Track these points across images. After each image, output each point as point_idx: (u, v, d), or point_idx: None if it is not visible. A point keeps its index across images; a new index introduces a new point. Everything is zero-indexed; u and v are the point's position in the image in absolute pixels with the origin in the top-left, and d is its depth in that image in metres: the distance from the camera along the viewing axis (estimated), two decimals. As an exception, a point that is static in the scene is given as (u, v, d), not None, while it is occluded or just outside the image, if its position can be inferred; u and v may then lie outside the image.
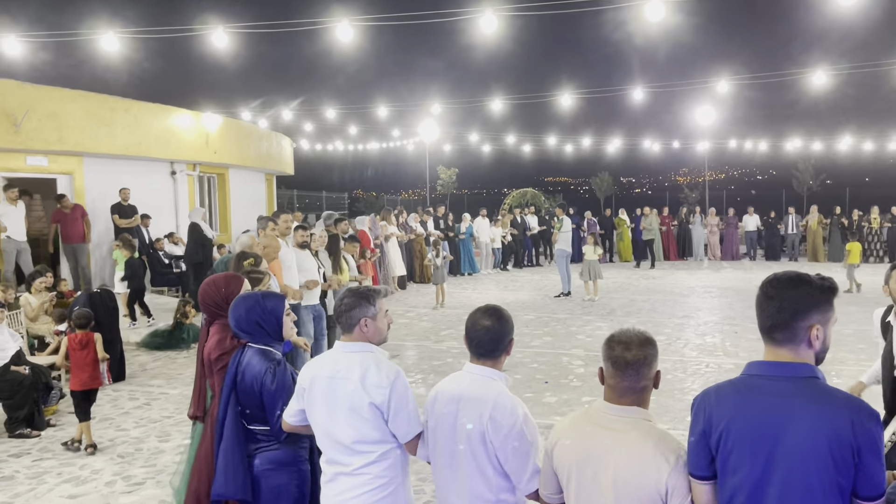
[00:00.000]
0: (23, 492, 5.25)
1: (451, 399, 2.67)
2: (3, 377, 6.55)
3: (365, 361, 2.81)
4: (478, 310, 2.74)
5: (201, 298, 3.72)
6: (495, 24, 10.64)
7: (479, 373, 2.69)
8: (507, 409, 2.55)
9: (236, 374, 3.21)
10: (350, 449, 2.78)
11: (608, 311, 12.62)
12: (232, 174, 18.11)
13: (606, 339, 2.38)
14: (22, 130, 11.50)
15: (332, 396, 2.81)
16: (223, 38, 11.64)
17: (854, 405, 1.93)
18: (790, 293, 2.06)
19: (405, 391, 2.78)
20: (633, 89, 19.55)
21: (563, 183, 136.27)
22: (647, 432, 2.22)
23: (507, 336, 2.71)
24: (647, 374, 2.30)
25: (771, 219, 22.58)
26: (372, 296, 2.92)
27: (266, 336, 3.27)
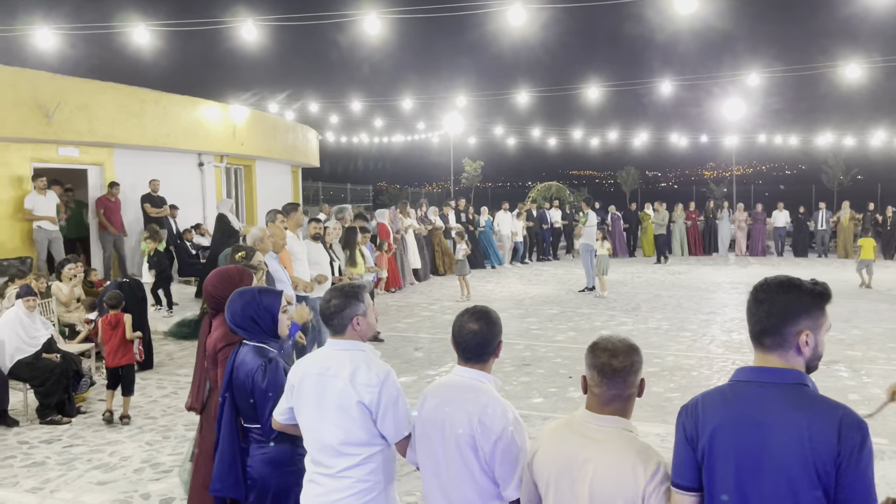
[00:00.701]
0: (53, 477, 5.35)
1: (440, 402, 2.61)
2: (35, 364, 6.68)
3: (355, 360, 2.77)
4: (465, 312, 2.67)
5: (210, 290, 3.68)
6: (524, 16, 10.57)
7: (467, 376, 2.62)
8: (496, 412, 2.49)
9: (232, 370, 3.20)
10: (335, 450, 2.73)
11: (633, 307, 12.53)
12: (258, 166, 18.25)
13: (590, 346, 2.32)
14: (54, 121, 11.68)
15: (320, 395, 2.76)
16: (252, 30, 11.71)
17: (841, 414, 1.85)
18: (780, 297, 2.01)
19: (395, 391, 2.73)
20: (660, 82, 19.33)
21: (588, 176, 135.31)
22: (627, 443, 2.17)
23: (494, 339, 2.64)
24: (633, 381, 2.26)
25: (801, 214, 22.24)
26: (360, 292, 2.88)
27: (261, 333, 3.24)
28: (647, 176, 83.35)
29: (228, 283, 3.63)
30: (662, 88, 19.26)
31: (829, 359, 8.50)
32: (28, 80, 11.51)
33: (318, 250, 8.02)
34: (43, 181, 11.47)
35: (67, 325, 8.75)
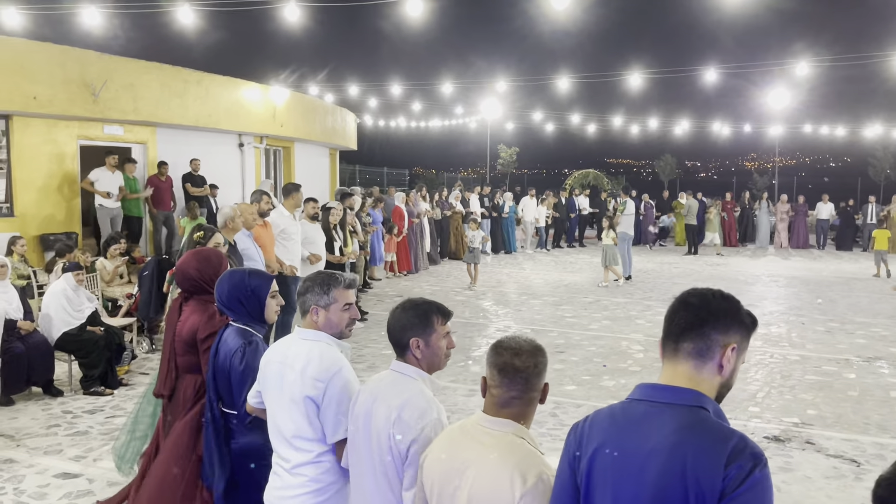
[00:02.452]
0: (96, 447, 5.50)
1: (368, 396, 2.44)
2: (79, 337, 6.86)
3: (312, 351, 2.64)
4: (398, 304, 2.52)
5: (187, 273, 3.56)
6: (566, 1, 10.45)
7: (396, 369, 2.45)
8: (417, 409, 2.30)
9: (216, 353, 3.13)
10: (289, 443, 2.64)
11: (670, 297, 12.27)
12: (297, 148, 18.39)
13: (493, 344, 2.16)
14: (100, 100, 11.90)
15: (279, 384, 2.67)
16: (295, 11, 11.78)
17: (733, 442, 1.59)
18: (716, 303, 1.76)
19: (343, 388, 2.58)
20: (704, 70, 18.99)
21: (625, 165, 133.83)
22: (511, 448, 1.99)
23: (405, 331, 2.43)
24: (535, 384, 2.09)
25: (848, 207, 21.69)
26: (329, 283, 2.73)
27: (247, 315, 3.16)
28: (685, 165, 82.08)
29: (206, 265, 3.58)
30: (706, 76, 18.92)
31: (871, 355, 8.34)
32: (76, 59, 11.73)
33: (313, 230, 8.06)
34: (114, 159, 11.77)
35: (110, 300, 8.96)
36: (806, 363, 8.02)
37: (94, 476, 4.95)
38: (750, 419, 6.15)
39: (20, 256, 8.76)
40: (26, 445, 5.51)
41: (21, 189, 11.31)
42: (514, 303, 11.67)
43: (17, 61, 10.90)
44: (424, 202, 16.35)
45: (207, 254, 3.67)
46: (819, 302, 12.00)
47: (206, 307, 3.49)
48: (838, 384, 7.22)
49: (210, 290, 3.51)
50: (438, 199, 17.58)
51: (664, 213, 22.89)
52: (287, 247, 7.51)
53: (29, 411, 6.32)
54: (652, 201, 22.44)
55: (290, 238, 7.53)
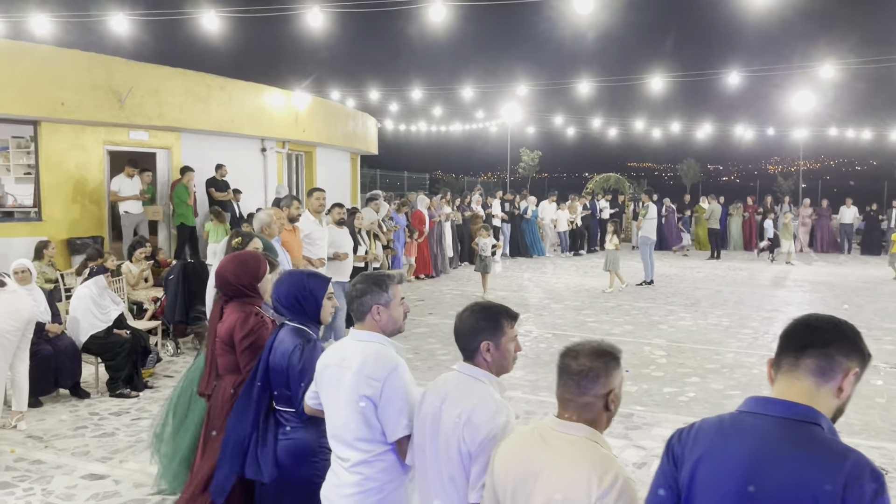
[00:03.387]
0: (122, 448, 5.57)
1: (436, 398, 2.47)
2: (106, 339, 6.95)
3: (367, 351, 2.69)
4: (466, 306, 2.55)
5: (227, 278, 3.62)
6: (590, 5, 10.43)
7: (464, 371, 2.48)
8: (487, 411, 2.32)
9: (270, 351, 3.18)
10: (347, 443, 2.69)
11: (692, 302, 12.30)
12: (319, 152, 18.49)
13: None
14: (126, 106, 12.07)
15: (336, 385, 2.73)
16: (318, 16, 11.86)
17: (851, 460, 1.58)
18: (843, 327, 1.77)
19: (400, 386, 2.61)
20: (727, 73, 18.82)
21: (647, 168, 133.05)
22: (584, 452, 1.98)
23: (475, 334, 2.45)
24: (589, 388, 2.03)
25: (872, 211, 21.37)
26: (385, 282, 2.79)
27: (304, 315, 3.22)
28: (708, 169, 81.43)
29: (243, 269, 3.63)
30: (729, 79, 18.75)
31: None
32: (103, 66, 11.91)
33: (340, 235, 8.05)
34: (133, 171, 11.96)
35: (136, 303, 9.07)
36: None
37: (121, 477, 5.01)
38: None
39: (49, 260, 8.90)
40: (54, 447, 5.59)
41: (49, 194, 11.49)
42: (536, 307, 11.64)
43: (46, 68, 11.10)
44: (448, 206, 16.36)
45: (245, 257, 3.73)
46: (845, 307, 11.84)
47: (244, 308, 3.56)
48: (865, 391, 7.12)
49: (248, 292, 3.61)
50: (461, 203, 17.59)
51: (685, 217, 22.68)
52: (312, 252, 7.54)
53: (56, 413, 6.42)
54: (673, 205, 22.29)
55: (314, 243, 7.54)
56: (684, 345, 9.02)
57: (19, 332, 5.83)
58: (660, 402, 6.78)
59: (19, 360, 5.95)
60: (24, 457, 5.37)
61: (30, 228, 11.08)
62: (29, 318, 5.94)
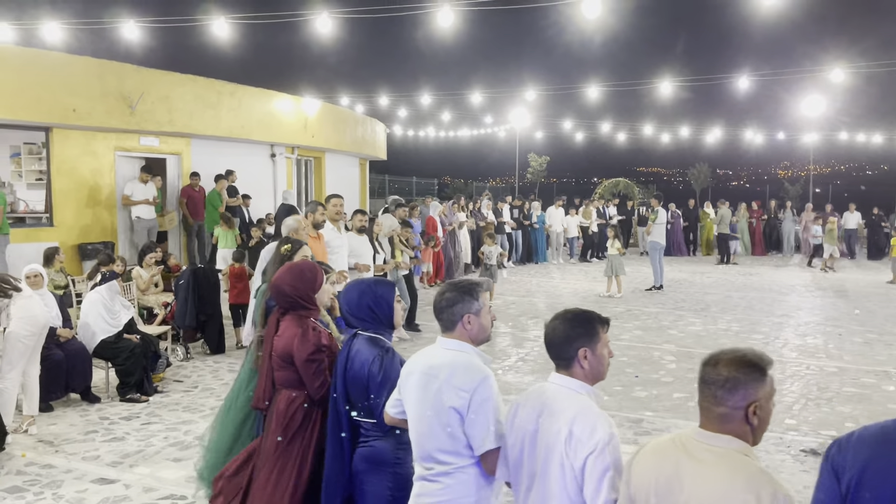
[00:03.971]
0: (132, 452, 5.59)
1: (532, 412, 2.41)
2: (116, 344, 6.98)
3: (456, 361, 2.65)
4: (556, 314, 2.52)
5: (283, 289, 3.50)
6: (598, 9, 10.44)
7: (560, 383, 2.42)
8: (589, 424, 2.26)
9: (346, 362, 3.12)
10: (431, 454, 2.64)
11: (702, 307, 12.25)
12: (328, 158, 18.57)
13: None
14: (136, 112, 12.15)
15: (421, 394, 2.68)
16: (327, 23, 11.91)
17: None
18: None
19: (488, 398, 2.55)
20: (736, 78, 18.78)
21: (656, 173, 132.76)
22: (736, 466, 1.91)
23: (571, 342, 2.41)
24: (726, 399, 1.96)
25: (875, 216, 21.19)
26: (475, 290, 2.75)
27: (377, 322, 3.16)
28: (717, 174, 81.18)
29: (302, 280, 3.51)
30: (739, 84, 18.72)
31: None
32: (114, 72, 12.01)
33: (360, 242, 7.86)
34: (147, 176, 12.06)
35: (146, 308, 9.11)
36: (843, 375, 7.87)
37: (131, 482, 5.03)
38: (786, 431, 6.04)
39: (59, 267, 8.95)
40: (65, 451, 5.61)
41: (60, 199, 11.58)
42: (544, 313, 11.62)
43: (58, 75, 11.20)
44: (463, 212, 16.30)
45: (301, 267, 3.60)
46: (857, 312, 11.77)
47: (302, 322, 3.44)
48: (877, 396, 7.07)
49: (306, 304, 3.49)
50: (473, 209, 17.54)
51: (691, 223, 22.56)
52: (332, 260, 7.28)
53: (67, 417, 6.45)
54: (679, 210, 22.20)
55: (334, 251, 7.28)
56: (694, 350, 8.98)
57: (35, 336, 5.87)
58: (669, 407, 6.75)
59: (31, 365, 5.99)
60: (34, 461, 5.40)
61: (41, 234, 11.17)
62: (45, 323, 5.98)
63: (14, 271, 8.02)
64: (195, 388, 7.34)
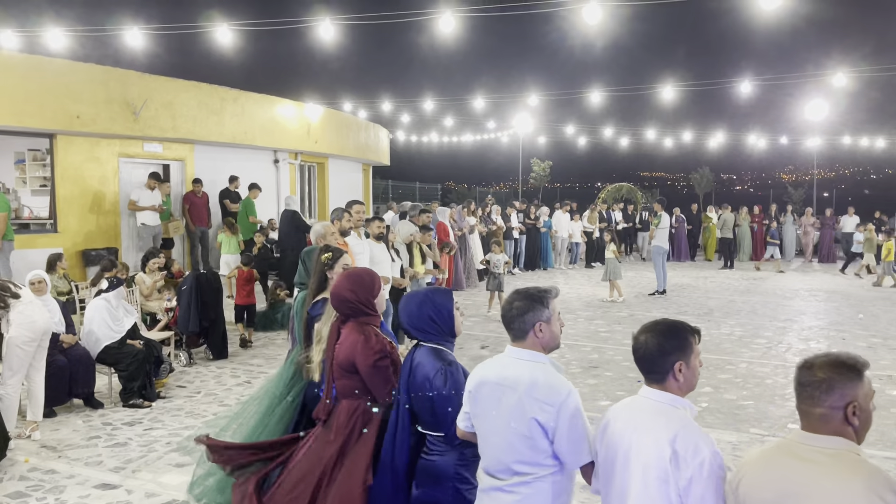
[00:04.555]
0: (135, 458, 5.60)
1: (624, 427, 2.36)
2: (119, 350, 7.00)
3: (535, 372, 2.58)
4: (643, 325, 2.47)
5: (344, 296, 3.42)
6: (599, 14, 10.46)
7: (655, 398, 2.36)
8: (691, 441, 2.20)
9: (409, 374, 3.06)
10: (508, 466, 2.58)
11: (706, 312, 12.23)
12: (331, 163, 18.61)
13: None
14: (140, 118, 12.20)
15: (495, 405, 2.62)
16: (329, 29, 11.95)
17: None
18: None
19: (576, 412, 2.50)
20: (738, 82, 18.77)
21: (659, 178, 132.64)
22: (852, 466, 1.91)
23: (667, 355, 2.35)
24: (823, 400, 1.99)
25: (875, 220, 21.12)
26: (545, 297, 2.71)
27: (439, 333, 3.08)
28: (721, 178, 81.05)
29: (362, 286, 3.45)
30: (740, 88, 18.71)
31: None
32: (118, 79, 12.07)
33: (379, 250, 7.76)
34: (154, 183, 12.12)
35: (149, 314, 9.13)
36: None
37: (133, 487, 5.04)
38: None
39: (62, 273, 8.98)
40: (67, 456, 5.63)
41: (64, 206, 11.62)
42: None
43: (62, 82, 11.25)
44: (472, 217, 16.24)
45: (360, 273, 3.56)
46: (861, 317, 11.74)
47: (363, 329, 3.39)
48: (881, 401, 7.04)
49: (367, 310, 3.43)
50: (482, 214, 17.51)
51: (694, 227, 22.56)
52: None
53: (70, 423, 6.47)
54: (683, 215, 22.19)
55: (357, 258, 7.13)
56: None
57: (35, 342, 5.88)
58: (672, 412, 6.74)
59: (35, 371, 6.01)
60: (37, 466, 5.41)
61: (45, 240, 11.21)
62: (45, 329, 6.00)
63: (18, 277, 8.06)
64: (198, 394, 7.36)
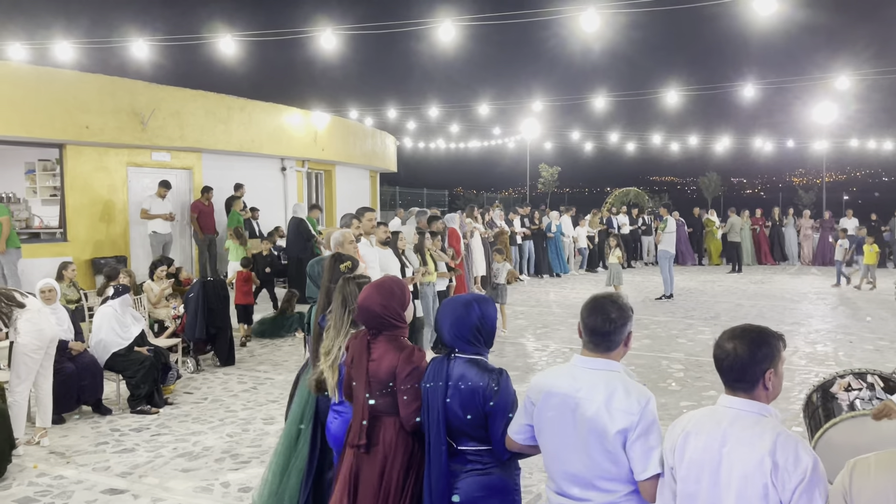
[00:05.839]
0: (141, 463, 5.66)
1: (710, 440, 2.20)
2: (127, 357, 7.07)
3: (612, 382, 2.46)
4: (725, 331, 2.37)
5: (375, 310, 3.19)
6: (597, 22, 10.51)
7: (739, 407, 2.23)
8: (791, 450, 2.08)
9: (447, 389, 2.86)
10: (589, 483, 2.45)
11: (712, 316, 12.21)
12: (338, 171, 18.69)
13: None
14: (148, 128, 12.33)
15: (568, 418, 2.48)
16: (332, 39, 12.05)
17: None
18: None
19: (655, 420, 2.41)
20: (746, 85, 18.75)
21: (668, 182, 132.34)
22: None
23: (757, 363, 2.24)
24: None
25: (874, 222, 20.96)
26: (629, 304, 2.63)
27: (480, 343, 2.93)
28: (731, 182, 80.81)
29: (391, 298, 3.23)
30: (748, 92, 18.69)
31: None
32: (126, 89, 12.20)
33: (387, 256, 7.73)
34: (165, 191, 12.24)
35: (157, 321, 9.21)
36: (853, 382, 7.81)
37: (140, 493, 5.09)
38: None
39: (70, 281, 9.08)
40: (76, 462, 5.69)
41: (74, 215, 11.74)
42: (553, 322, 11.64)
43: (71, 92, 11.39)
44: (477, 222, 16.22)
45: (389, 284, 3.33)
46: (868, 320, 11.69)
47: (400, 343, 3.20)
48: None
49: (398, 322, 3.22)
50: (488, 219, 17.52)
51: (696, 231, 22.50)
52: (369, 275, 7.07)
53: (78, 429, 6.54)
54: (682, 219, 22.11)
55: (369, 265, 7.04)
56: (702, 358, 8.96)
57: (42, 350, 5.96)
58: (676, 416, 6.73)
59: (43, 378, 6.08)
60: (46, 472, 5.48)
61: (55, 249, 11.33)
62: (52, 337, 6.07)
63: (28, 286, 8.15)
64: (205, 400, 7.41)
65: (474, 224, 15.88)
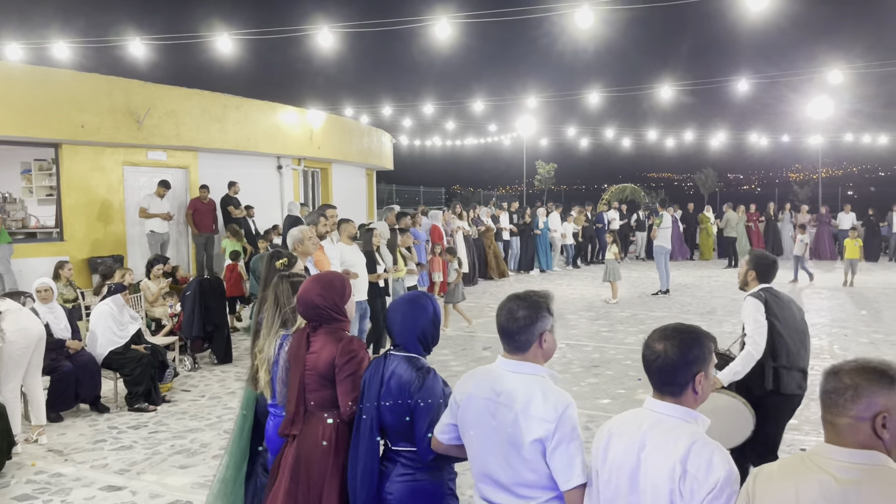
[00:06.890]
0: (139, 460, 5.69)
1: (630, 444, 2.13)
2: (124, 355, 7.09)
3: (531, 387, 2.36)
4: (654, 331, 2.26)
5: (314, 301, 3.16)
6: (591, 18, 10.53)
7: (662, 411, 2.14)
8: (705, 459, 1.99)
9: (381, 386, 2.83)
10: (508, 489, 2.37)
11: (708, 311, 12.26)
12: (334, 169, 18.71)
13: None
14: (144, 127, 12.33)
15: (487, 423, 2.42)
16: (328, 37, 12.07)
17: None
18: None
19: (574, 427, 2.29)
20: (740, 80, 18.79)
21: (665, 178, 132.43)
22: (888, 481, 1.74)
23: (688, 366, 2.12)
24: (849, 409, 1.79)
25: (871, 216, 21.04)
26: (547, 302, 2.50)
27: (423, 343, 2.90)
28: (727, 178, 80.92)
29: (332, 291, 3.21)
30: (743, 87, 18.73)
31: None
32: (121, 89, 12.20)
33: (351, 253, 7.67)
34: (164, 190, 12.25)
35: (154, 320, 9.24)
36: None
37: (138, 489, 5.12)
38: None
39: (66, 280, 9.10)
40: (73, 460, 5.72)
41: (70, 214, 11.75)
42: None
43: (67, 92, 11.39)
44: (461, 220, 16.29)
45: (329, 278, 3.30)
46: (864, 313, 11.75)
47: (339, 335, 3.17)
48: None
49: (337, 315, 3.19)
50: (473, 216, 17.58)
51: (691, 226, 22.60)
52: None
53: (76, 427, 6.56)
54: (675, 214, 22.16)
55: (332, 263, 7.11)
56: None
57: (30, 349, 5.97)
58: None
59: (31, 376, 6.09)
60: (44, 470, 5.51)
61: (52, 248, 11.34)
62: (39, 335, 6.08)
63: (25, 285, 8.18)
64: (202, 398, 7.44)
65: (458, 222, 15.93)
